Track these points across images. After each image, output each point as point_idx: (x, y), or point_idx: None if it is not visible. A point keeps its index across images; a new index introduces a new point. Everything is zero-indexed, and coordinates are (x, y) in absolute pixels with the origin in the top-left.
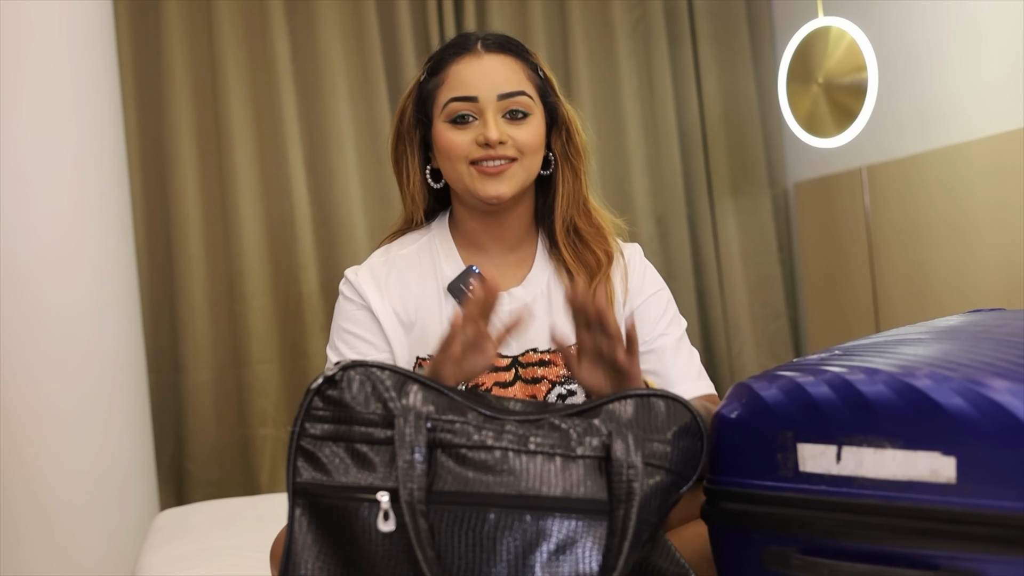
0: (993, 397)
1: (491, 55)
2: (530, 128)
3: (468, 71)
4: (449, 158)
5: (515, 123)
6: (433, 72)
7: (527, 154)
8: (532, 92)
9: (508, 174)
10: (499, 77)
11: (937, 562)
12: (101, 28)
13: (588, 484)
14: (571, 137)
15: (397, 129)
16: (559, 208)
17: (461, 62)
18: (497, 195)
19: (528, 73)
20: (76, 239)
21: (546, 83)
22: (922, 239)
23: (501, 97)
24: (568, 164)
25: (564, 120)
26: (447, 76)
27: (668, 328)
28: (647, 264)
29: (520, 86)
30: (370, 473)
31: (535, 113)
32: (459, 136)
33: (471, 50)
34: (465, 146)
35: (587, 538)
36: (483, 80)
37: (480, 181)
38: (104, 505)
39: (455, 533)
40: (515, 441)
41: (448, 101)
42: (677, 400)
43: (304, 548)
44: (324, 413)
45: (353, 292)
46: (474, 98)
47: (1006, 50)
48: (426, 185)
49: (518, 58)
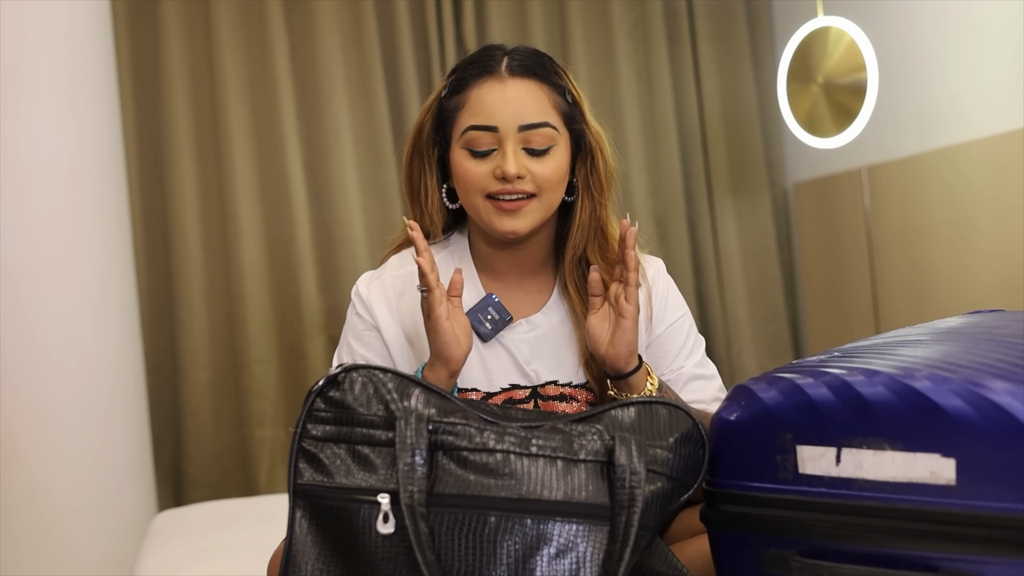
0: (993, 399)
1: (515, 80)
2: (552, 163)
3: (490, 97)
4: (465, 189)
5: (536, 157)
6: (455, 90)
7: (547, 190)
8: (557, 121)
9: (525, 211)
10: (522, 107)
11: (937, 564)
12: (99, 28)
13: (590, 488)
14: (595, 166)
15: (414, 143)
16: (571, 240)
17: (484, 86)
18: (512, 231)
19: (554, 99)
20: (74, 240)
21: (574, 107)
22: (922, 240)
23: (522, 128)
24: (589, 194)
25: (590, 148)
26: (468, 99)
27: (687, 359)
28: (669, 285)
29: (543, 116)
30: (371, 475)
31: (559, 144)
32: (476, 167)
33: (495, 72)
34: (482, 178)
35: (588, 543)
36: (505, 109)
37: (496, 216)
38: (102, 506)
39: (455, 536)
40: (517, 444)
41: (467, 128)
42: (679, 407)
43: (304, 549)
44: (326, 414)
45: (364, 308)
46: (494, 128)
47: (1006, 50)
48: (443, 204)
49: (545, 83)
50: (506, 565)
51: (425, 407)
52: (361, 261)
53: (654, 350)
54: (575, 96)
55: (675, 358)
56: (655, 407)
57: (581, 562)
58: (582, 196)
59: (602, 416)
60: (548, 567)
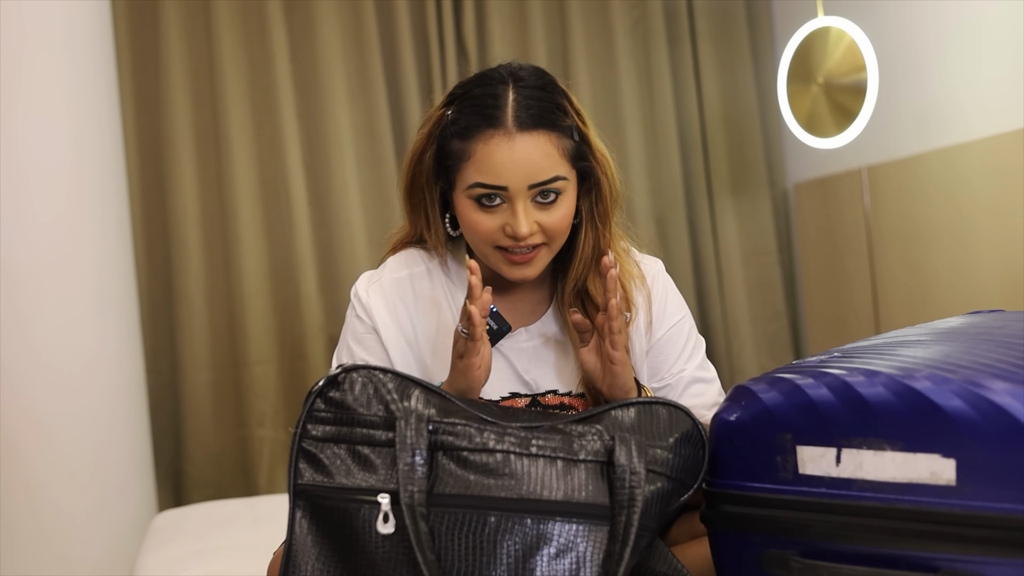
0: (993, 399)
1: (524, 136)
2: (561, 211)
3: (499, 156)
4: (472, 237)
5: (545, 207)
6: (458, 135)
7: (555, 238)
8: (566, 170)
9: (536, 260)
10: (531, 166)
11: (937, 564)
12: (99, 28)
13: (589, 488)
14: (600, 196)
15: (413, 174)
16: (572, 272)
17: (491, 142)
18: (523, 278)
19: (563, 146)
20: (74, 240)
21: (581, 144)
22: (922, 240)
23: (533, 187)
24: (592, 224)
25: (596, 179)
26: (474, 152)
27: (688, 363)
28: (668, 287)
29: (554, 171)
30: (371, 475)
31: (567, 191)
32: (484, 220)
33: (501, 127)
34: (491, 232)
35: (588, 543)
36: (515, 169)
37: (506, 265)
38: (102, 506)
39: (455, 536)
40: (517, 444)
41: (474, 184)
42: (679, 408)
43: (304, 549)
44: (326, 415)
45: (363, 311)
46: (504, 188)
47: (1006, 50)
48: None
49: (553, 131)
50: (506, 565)
51: (425, 407)
52: (361, 261)
53: (654, 354)
54: (582, 131)
55: (675, 361)
56: (655, 407)
57: (581, 562)
58: (585, 227)
59: (602, 416)
60: (548, 567)
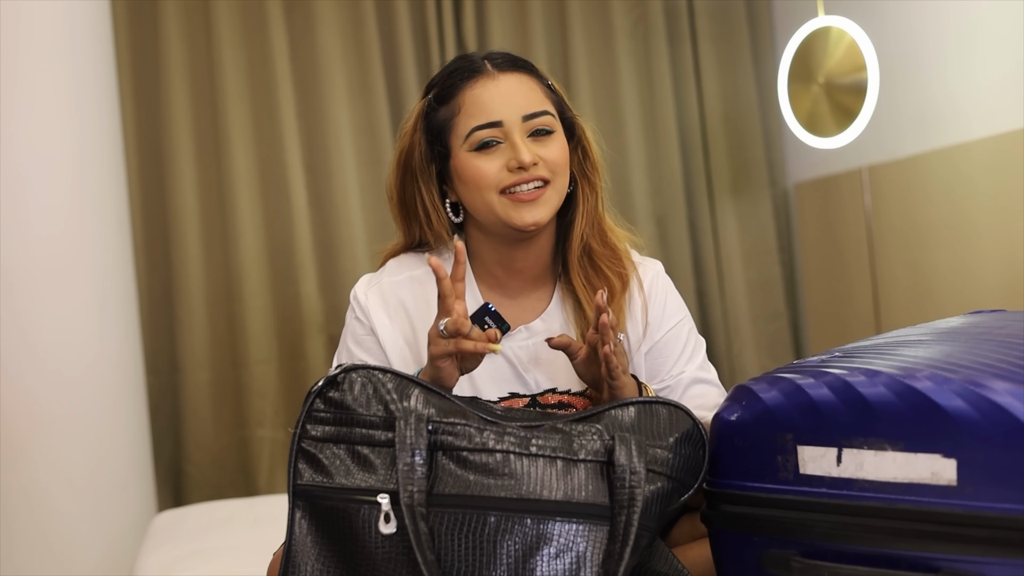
0: (994, 399)
1: (506, 75)
2: (557, 145)
3: (487, 95)
4: (478, 188)
5: (542, 142)
6: (443, 100)
7: (558, 174)
8: (552, 110)
9: (543, 199)
10: (520, 98)
11: (938, 564)
12: (99, 28)
13: (589, 488)
14: (587, 153)
15: (404, 166)
16: (577, 229)
17: (477, 86)
18: (534, 222)
19: (544, 91)
20: (74, 240)
21: (561, 99)
22: (922, 240)
23: (526, 118)
24: (587, 181)
25: (581, 135)
26: (463, 102)
27: (688, 364)
28: (668, 288)
29: (542, 105)
30: (371, 475)
31: (558, 130)
32: (487, 164)
33: (483, 72)
34: (495, 174)
35: (588, 542)
36: (505, 103)
37: (515, 209)
38: (102, 506)
39: (455, 536)
40: (517, 444)
41: (472, 130)
42: (679, 407)
43: (304, 550)
44: (325, 415)
45: (362, 313)
46: (499, 123)
47: (1006, 50)
48: (449, 218)
49: (532, 75)
50: (506, 565)
51: (425, 407)
52: (361, 261)
53: (653, 356)
54: (557, 89)
55: (675, 363)
56: (655, 407)
57: (581, 562)
58: (580, 184)
59: (602, 416)
60: (548, 567)
